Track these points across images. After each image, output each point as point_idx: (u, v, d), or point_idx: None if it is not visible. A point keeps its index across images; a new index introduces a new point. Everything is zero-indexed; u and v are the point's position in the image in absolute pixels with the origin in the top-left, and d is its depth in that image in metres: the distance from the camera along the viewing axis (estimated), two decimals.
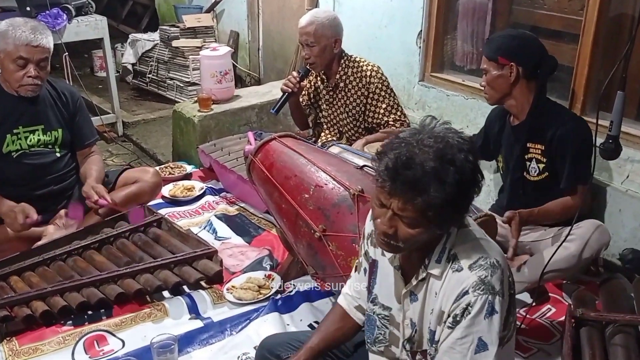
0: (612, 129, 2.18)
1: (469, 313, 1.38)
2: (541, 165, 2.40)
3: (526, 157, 2.44)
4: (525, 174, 2.46)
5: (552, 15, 3.11)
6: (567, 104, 2.86)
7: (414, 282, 1.50)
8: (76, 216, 2.73)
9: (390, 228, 1.39)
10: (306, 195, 2.21)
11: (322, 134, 3.37)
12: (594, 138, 2.18)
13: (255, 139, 2.96)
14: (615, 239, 2.56)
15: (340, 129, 3.29)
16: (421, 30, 3.62)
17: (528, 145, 2.42)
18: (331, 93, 3.21)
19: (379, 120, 3.13)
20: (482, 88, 2.46)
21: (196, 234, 2.89)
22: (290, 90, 3.10)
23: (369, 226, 1.64)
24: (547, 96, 2.44)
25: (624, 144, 2.31)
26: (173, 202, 3.37)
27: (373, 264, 1.63)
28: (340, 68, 3.12)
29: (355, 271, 1.76)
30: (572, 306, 2.15)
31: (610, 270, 2.62)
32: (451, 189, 1.32)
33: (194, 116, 3.85)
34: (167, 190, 3.41)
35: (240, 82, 5.67)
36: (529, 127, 2.38)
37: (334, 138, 3.30)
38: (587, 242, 2.22)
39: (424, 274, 1.47)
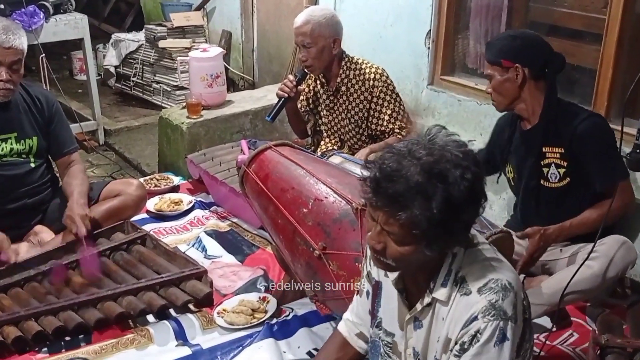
0: None
1: (478, 341, 1.37)
2: (562, 170, 2.40)
3: (543, 163, 2.44)
4: (542, 181, 2.46)
5: (573, 14, 3.12)
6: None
7: (418, 307, 1.49)
8: (92, 267, 2.57)
9: (379, 243, 1.41)
10: (304, 210, 2.20)
11: (322, 142, 3.37)
12: (618, 146, 2.18)
13: (249, 148, 2.96)
14: None
15: (342, 136, 3.29)
16: (430, 30, 3.64)
17: (544, 149, 2.42)
18: (331, 98, 3.22)
19: (383, 128, 3.13)
20: (489, 94, 2.48)
21: (184, 252, 2.87)
22: (286, 95, 3.11)
23: None
24: (566, 99, 2.45)
25: None
26: (159, 217, 3.36)
27: (377, 286, 1.63)
28: (341, 70, 3.13)
29: (357, 294, 1.75)
30: (596, 332, 2.14)
31: (638, 292, 2.61)
32: (439, 208, 1.31)
33: (182, 123, 3.85)
34: (152, 204, 3.40)
35: (232, 86, 5.68)
36: (544, 130, 2.39)
37: (335, 147, 3.30)
38: (612, 260, 2.21)
39: (429, 299, 1.47)
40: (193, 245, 3.07)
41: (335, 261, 2.09)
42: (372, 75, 3.10)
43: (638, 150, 2.20)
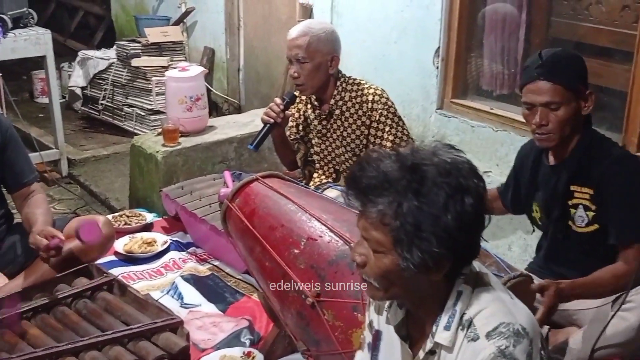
0: None
1: None
2: (590, 214, 2.39)
3: (571, 203, 2.43)
4: (570, 223, 2.45)
5: (600, 29, 3.17)
6: (619, 138, 2.89)
7: (421, 354, 1.49)
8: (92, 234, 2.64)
9: (360, 256, 1.46)
10: (296, 251, 2.20)
11: (315, 174, 3.37)
12: None
13: (233, 181, 2.96)
14: None
15: (337, 167, 3.29)
16: (439, 47, 3.68)
17: (572, 188, 2.42)
18: (324, 123, 3.22)
19: None
20: (538, 126, 2.34)
21: (157, 300, 2.83)
22: (272, 121, 3.12)
23: None
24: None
25: None
26: (129, 259, 3.35)
27: (376, 336, 1.62)
28: (335, 91, 3.15)
29: (359, 348, 1.75)
30: None
31: None
32: (409, 206, 1.36)
33: (157, 152, 3.86)
34: (121, 244, 3.39)
35: (215, 109, 5.70)
36: (573, 167, 2.39)
37: (330, 179, 3.29)
38: None
39: (431, 344, 1.47)
40: (168, 292, 3.06)
41: (331, 310, 2.08)
42: (370, 97, 3.10)
43: None
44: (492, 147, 3.46)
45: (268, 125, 3.13)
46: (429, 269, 1.42)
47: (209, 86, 5.36)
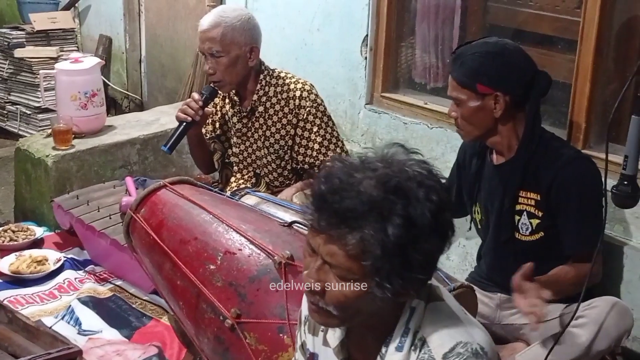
0: (627, 166, 2.25)
1: None
2: (534, 221, 2.45)
3: (514, 208, 2.48)
4: (514, 230, 2.50)
5: (541, 15, 3.26)
6: (563, 134, 2.96)
7: None
8: None
9: (318, 282, 1.42)
10: (212, 267, 2.19)
11: (233, 178, 3.36)
12: (603, 180, 2.23)
13: (137, 188, 2.93)
14: (637, 315, 2.63)
15: (257, 170, 3.29)
16: (367, 35, 3.71)
17: (517, 193, 2.47)
18: (245, 121, 3.22)
19: (312, 160, 3.15)
20: (453, 119, 2.51)
21: (51, 327, 2.82)
22: (189, 119, 3.09)
23: (306, 307, 1.63)
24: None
25: None
26: (16, 281, 3.28)
27: (312, 359, 1.61)
28: (258, 86, 3.14)
29: None
30: None
31: None
32: (396, 230, 1.34)
33: (47, 156, 3.78)
34: (6, 264, 3.32)
35: (114, 107, 5.63)
36: (522, 169, 2.44)
37: (249, 184, 3.29)
38: (602, 327, 2.27)
39: None
40: (63, 318, 3.00)
41: (253, 332, 2.08)
42: (298, 93, 3.11)
43: (625, 183, 2.28)
44: (427, 145, 3.51)
45: (184, 123, 3.09)
46: (406, 294, 1.43)
47: (106, 80, 5.29)
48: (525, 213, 2.47)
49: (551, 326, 2.41)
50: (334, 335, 1.57)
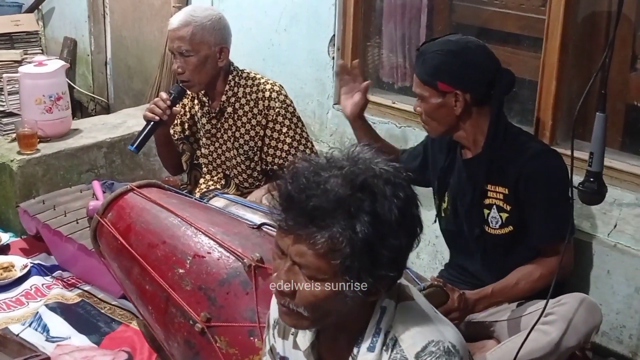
0: (593, 163, 2.28)
1: None
2: (504, 215, 2.47)
3: (484, 202, 2.51)
4: (484, 224, 2.52)
5: (506, 14, 3.28)
6: (531, 132, 2.98)
7: None
8: None
9: (287, 283, 1.42)
10: (181, 271, 2.18)
11: (202, 179, 3.35)
12: (570, 176, 2.25)
13: (104, 192, 2.90)
14: (605, 310, 2.66)
15: (227, 171, 3.28)
16: (334, 35, 3.71)
17: (485, 187, 2.49)
18: (214, 122, 3.21)
19: (281, 160, 3.15)
20: (418, 114, 2.53)
21: (18, 335, 2.80)
22: (157, 118, 3.07)
23: (275, 310, 1.62)
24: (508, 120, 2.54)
25: (608, 183, 2.42)
26: None
27: None
28: (227, 87, 3.13)
29: None
30: None
31: (601, 355, 2.71)
32: (364, 227, 1.35)
33: (12, 161, 3.75)
34: None
35: (80, 110, 5.59)
36: (489, 163, 2.46)
37: (218, 186, 3.29)
38: (571, 323, 2.29)
39: None
40: (30, 325, 2.98)
41: (224, 336, 2.08)
42: (267, 94, 3.12)
43: (591, 179, 2.30)
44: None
45: (152, 123, 3.08)
46: (377, 293, 1.44)
47: (71, 83, 5.24)
48: (494, 207, 2.49)
49: (521, 323, 2.43)
50: (304, 338, 1.57)
